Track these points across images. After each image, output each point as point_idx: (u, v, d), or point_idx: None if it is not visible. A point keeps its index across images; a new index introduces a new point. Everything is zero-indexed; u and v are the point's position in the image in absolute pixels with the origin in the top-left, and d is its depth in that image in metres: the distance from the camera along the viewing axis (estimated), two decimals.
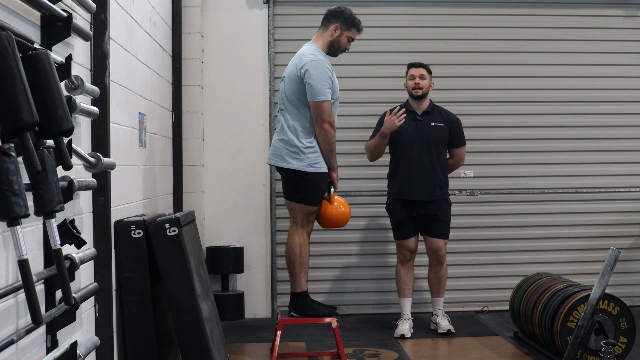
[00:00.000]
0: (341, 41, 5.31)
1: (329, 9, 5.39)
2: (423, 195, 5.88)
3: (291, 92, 5.14)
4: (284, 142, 5.13)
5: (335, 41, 5.29)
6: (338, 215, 5.22)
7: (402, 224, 5.95)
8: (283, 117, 5.19)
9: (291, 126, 5.10)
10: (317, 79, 5.05)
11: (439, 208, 5.94)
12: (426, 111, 5.95)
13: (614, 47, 7.01)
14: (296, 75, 5.11)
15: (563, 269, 6.65)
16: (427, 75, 5.93)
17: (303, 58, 5.14)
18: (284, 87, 5.22)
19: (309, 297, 5.21)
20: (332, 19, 5.31)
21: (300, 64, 5.12)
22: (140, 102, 4.92)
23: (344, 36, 5.30)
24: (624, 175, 7.04)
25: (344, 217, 5.25)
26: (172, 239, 4.26)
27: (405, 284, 5.99)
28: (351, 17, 5.31)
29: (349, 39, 5.34)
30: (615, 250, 4.14)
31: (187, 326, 4.25)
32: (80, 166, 3.43)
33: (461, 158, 6.12)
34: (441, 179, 5.94)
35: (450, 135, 5.97)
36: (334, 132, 5.14)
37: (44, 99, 2.59)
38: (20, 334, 2.61)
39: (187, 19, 6.48)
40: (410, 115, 5.92)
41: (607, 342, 4.21)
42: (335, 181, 5.25)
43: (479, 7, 6.93)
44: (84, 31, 3.38)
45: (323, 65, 5.10)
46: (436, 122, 5.93)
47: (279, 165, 5.18)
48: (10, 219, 2.31)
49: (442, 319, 5.99)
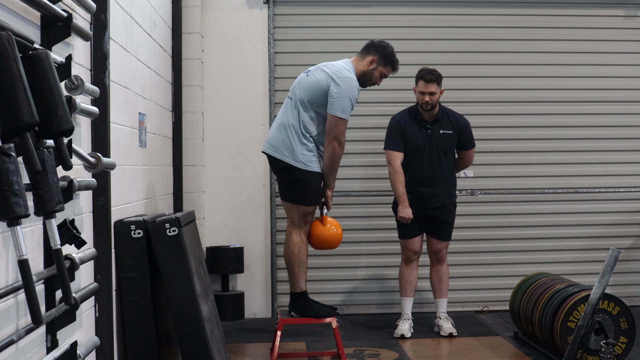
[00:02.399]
0: (374, 75, 5.24)
1: (372, 39, 5.32)
2: (431, 203, 5.88)
3: (312, 96, 5.06)
4: (282, 133, 5.08)
5: (368, 73, 5.22)
6: (329, 237, 5.19)
7: (407, 223, 5.92)
8: (293, 109, 5.10)
9: (295, 124, 5.05)
10: (344, 95, 5.00)
11: (445, 210, 5.94)
12: (436, 119, 5.90)
13: (614, 47, 7.01)
14: (326, 85, 5.04)
15: (563, 269, 6.65)
16: (437, 90, 5.79)
17: (339, 72, 5.06)
18: (305, 85, 5.12)
19: (308, 297, 5.21)
20: (371, 50, 5.24)
21: (334, 74, 5.05)
22: (140, 102, 4.92)
23: (377, 71, 5.24)
24: (624, 175, 7.03)
25: (336, 238, 5.23)
26: (172, 239, 4.25)
27: (407, 283, 5.97)
28: (390, 55, 5.25)
29: (382, 74, 5.28)
30: (615, 250, 4.14)
31: (187, 326, 4.24)
32: (80, 166, 3.43)
33: (470, 159, 6.10)
34: (450, 186, 5.94)
35: (459, 138, 5.93)
36: (341, 152, 5.10)
37: (44, 99, 2.59)
38: (20, 334, 2.61)
39: (187, 19, 6.48)
40: (420, 123, 5.90)
41: (607, 342, 4.21)
42: (329, 200, 5.22)
43: (479, 7, 6.93)
44: (84, 31, 3.38)
45: (354, 86, 5.07)
46: (445, 130, 5.88)
47: (272, 155, 5.12)
48: (10, 219, 2.31)
49: (445, 322, 5.97)
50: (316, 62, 6.72)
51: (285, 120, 5.10)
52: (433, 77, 5.79)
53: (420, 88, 5.82)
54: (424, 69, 5.88)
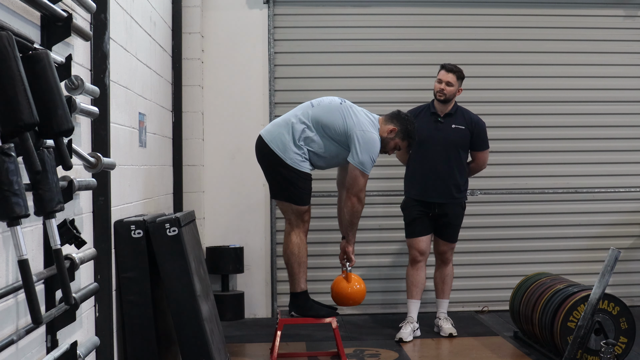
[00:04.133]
0: (389, 144, 5.22)
1: (400, 110, 5.31)
2: (440, 197, 5.84)
3: (328, 122, 5.03)
4: (282, 128, 5.06)
5: (385, 140, 5.18)
6: (353, 294, 5.19)
7: (415, 221, 5.88)
8: (305, 117, 5.05)
9: (297, 130, 5.03)
10: (370, 152, 5.01)
11: (453, 211, 5.90)
12: (448, 113, 5.89)
13: (614, 47, 7.00)
14: (347, 129, 5.00)
15: (563, 269, 6.65)
16: (456, 82, 5.80)
17: (364, 126, 5.02)
18: (329, 109, 5.07)
19: (309, 297, 5.21)
20: (394, 120, 5.21)
21: (357, 126, 5.01)
22: (140, 102, 4.92)
23: (394, 141, 5.22)
24: (624, 175, 7.03)
25: (360, 295, 5.22)
26: (172, 239, 4.25)
27: (412, 285, 5.92)
28: (412, 132, 5.24)
29: (397, 146, 5.26)
30: (615, 250, 4.14)
31: (187, 326, 4.25)
32: (80, 166, 3.43)
33: (483, 161, 6.05)
34: (459, 182, 5.88)
35: (472, 138, 5.90)
36: (362, 209, 5.14)
37: (44, 99, 2.59)
38: (20, 334, 2.61)
39: (187, 19, 6.48)
40: (433, 117, 5.89)
41: (607, 342, 4.21)
42: (351, 255, 5.24)
43: (479, 7, 6.93)
44: (84, 31, 3.38)
45: (377, 146, 5.06)
46: (457, 125, 5.86)
47: (267, 141, 5.10)
48: (10, 219, 2.31)
49: (444, 322, 5.96)
50: (316, 61, 6.79)
51: (294, 120, 5.07)
52: (454, 68, 5.84)
53: (439, 76, 5.85)
54: (448, 63, 5.94)
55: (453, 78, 5.81)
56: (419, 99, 6.35)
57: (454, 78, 5.81)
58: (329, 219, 6.40)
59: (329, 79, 6.80)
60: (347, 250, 5.24)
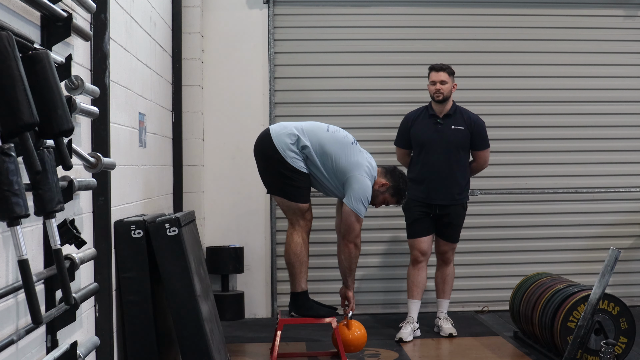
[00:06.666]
0: (378, 197, 5.22)
1: (396, 166, 5.35)
2: (442, 199, 5.84)
3: (331, 155, 5.04)
4: (287, 130, 5.06)
5: (375, 193, 5.17)
6: (354, 340, 5.17)
7: (416, 221, 5.88)
8: (311, 134, 5.05)
9: (298, 141, 5.01)
10: (364, 198, 5.02)
11: (455, 211, 5.90)
12: (447, 114, 5.88)
13: (614, 47, 7.00)
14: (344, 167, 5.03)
15: (563, 269, 6.64)
16: (449, 79, 5.82)
17: (364, 171, 5.05)
18: (332, 142, 5.06)
19: (309, 297, 5.21)
20: (388, 176, 5.22)
21: (358, 170, 5.03)
22: (140, 102, 4.92)
23: (384, 196, 5.23)
24: (624, 175, 7.03)
25: (361, 341, 5.20)
26: (172, 239, 4.25)
27: (413, 285, 5.92)
28: (403, 192, 5.26)
29: (385, 201, 5.26)
30: (615, 250, 4.14)
31: (187, 326, 4.25)
32: (80, 166, 3.43)
33: (484, 161, 6.04)
34: (460, 183, 5.88)
35: (471, 137, 5.89)
36: (359, 253, 5.16)
37: (44, 99, 2.59)
38: (20, 334, 2.61)
39: (187, 19, 6.48)
40: (432, 119, 5.89)
41: (607, 342, 4.21)
42: (351, 301, 5.25)
43: (479, 7, 6.93)
44: (84, 31, 3.38)
45: (368, 193, 5.07)
46: (457, 126, 5.85)
47: (271, 136, 5.09)
48: (10, 219, 2.31)
49: (444, 322, 5.96)
50: (316, 61, 6.79)
51: (299, 132, 5.04)
52: (443, 66, 5.85)
53: (432, 78, 5.86)
54: (435, 63, 5.95)
55: (445, 76, 5.82)
56: (418, 99, 6.34)
57: (445, 75, 5.83)
58: (329, 219, 6.38)
59: (329, 79, 6.81)
60: (348, 295, 5.25)
